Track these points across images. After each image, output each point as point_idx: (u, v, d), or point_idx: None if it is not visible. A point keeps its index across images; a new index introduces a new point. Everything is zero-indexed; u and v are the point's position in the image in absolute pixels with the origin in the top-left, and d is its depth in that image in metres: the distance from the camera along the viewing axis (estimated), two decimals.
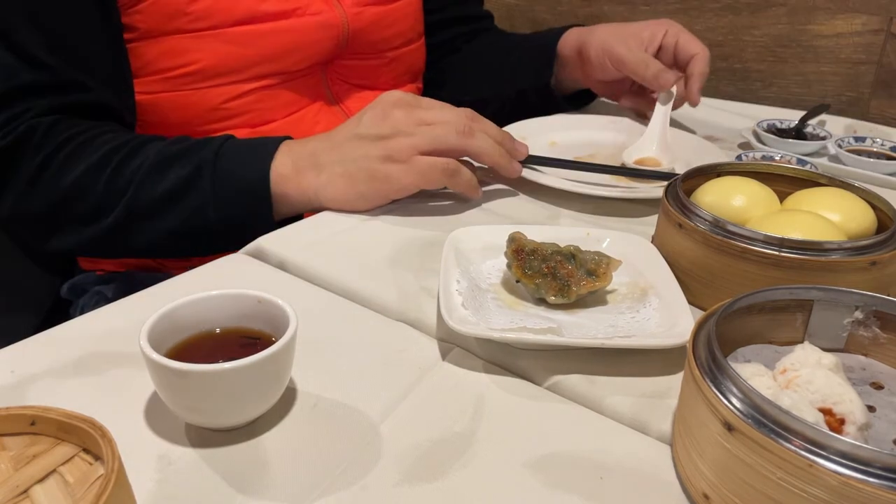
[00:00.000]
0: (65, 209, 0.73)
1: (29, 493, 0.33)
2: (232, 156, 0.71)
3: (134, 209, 0.71)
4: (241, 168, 0.70)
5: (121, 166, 0.71)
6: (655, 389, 0.49)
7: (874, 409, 0.43)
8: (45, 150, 0.71)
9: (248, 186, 0.70)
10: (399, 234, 0.68)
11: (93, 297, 0.87)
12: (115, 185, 0.71)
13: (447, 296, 0.53)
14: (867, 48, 1.11)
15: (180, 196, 0.70)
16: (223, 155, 0.71)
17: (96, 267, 0.90)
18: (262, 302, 0.47)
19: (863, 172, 0.86)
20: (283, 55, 0.84)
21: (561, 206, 0.76)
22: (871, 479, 0.32)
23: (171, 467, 0.42)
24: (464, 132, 0.70)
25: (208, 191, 0.70)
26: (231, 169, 0.70)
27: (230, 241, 0.68)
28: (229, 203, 0.70)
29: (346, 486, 0.41)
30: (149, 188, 0.70)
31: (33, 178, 0.72)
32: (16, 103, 0.72)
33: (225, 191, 0.70)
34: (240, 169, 0.70)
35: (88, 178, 0.71)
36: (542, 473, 0.42)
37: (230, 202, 0.70)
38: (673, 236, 0.60)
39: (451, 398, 0.48)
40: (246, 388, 0.42)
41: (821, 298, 0.47)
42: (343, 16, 0.87)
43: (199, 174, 0.70)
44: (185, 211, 0.70)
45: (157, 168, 0.71)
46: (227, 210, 0.70)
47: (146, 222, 0.72)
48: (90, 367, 0.50)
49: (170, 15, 0.78)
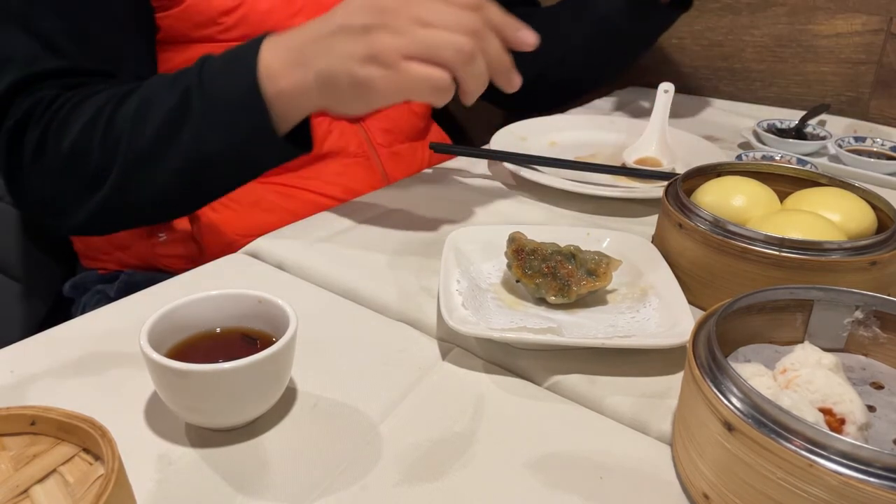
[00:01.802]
0: (68, 180, 0.69)
1: (29, 493, 0.33)
2: (216, 71, 0.65)
3: (131, 160, 0.66)
4: (228, 79, 0.64)
5: (112, 118, 0.67)
6: (655, 389, 0.49)
7: (874, 409, 0.43)
8: (44, 122, 0.68)
9: (239, 97, 0.63)
10: (399, 234, 0.68)
11: (94, 295, 0.87)
12: (109, 140, 0.66)
13: (447, 296, 0.53)
14: (867, 48, 1.11)
15: (174, 130, 0.65)
16: (206, 72, 0.65)
17: (98, 265, 0.90)
18: (262, 302, 0.47)
19: (863, 172, 0.86)
20: None
21: (561, 206, 0.76)
22: (871, 479, 0.32)
23: (171, 467, 0.42)
24: (464, 53, 0.58)
25: (200, 116, 0.64)
26: (218, 84, 0.64)
27: (242, 171, 0.64)
28: (225, 122, 0.64)
29: (346, 486, 0.41)
30: (141, 132, 0.65)
31: (35, 154, 0.69)
32: (36, 90, 0.70)
33: (217, 110, 0.64)
34: (226, 81, 0.64)
35: (83, 138, 0.67)
36: (542, 473, 0.42)
37: (225, 120, 0.64)
38: (673, 236, 0.60)
39: (451, 398, 0.48)
40: (246, 388, 0.42)
41: (821, 298, 0.47)
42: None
43: (188, 101, 0.64)
44: (184, 146, 0.65)
45: (145, 108, 0.66)
46: (225, 131, 0.64)
47: (147, 171, 0.66)
48: (90, 367, 0.50)
49: (201, 23, 0.77)
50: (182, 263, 0.74)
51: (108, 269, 0.90)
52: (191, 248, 0.85)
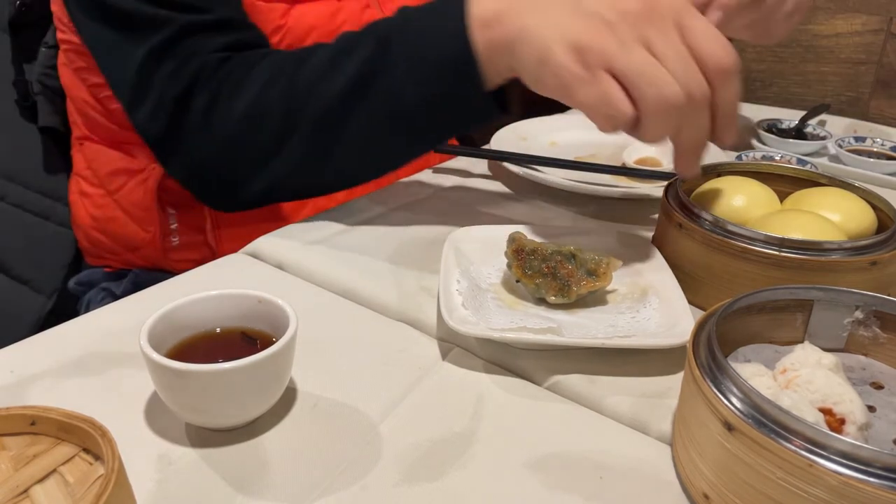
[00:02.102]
0: (244, 146, 0.66)
1: (29, 493, 0.33)
2: (419, 16, 0.60)
3: (319, 117, 0.62)
4: (433, 22, 0.59)
5: (294, 77, 0.63)
6: (655, 389, 0.49)
7: (874, 409, 0.43)
8: (212, 86, 0.66)
9: (447, 45, 0.57)
10: (399, 234, 0.68)
11: (99, 292, 0.87)
12: (292, 100, 0.63)
13: (447, 296, 0.53)
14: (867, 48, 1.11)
15: (368, 82, 0.60)
16: (407, 19, 0.60)
17: (103, 263, 0.91)
18: (262, 302, 0.47)
19: (863, 172, 0.86)
20: None
21: (561, 206, 0.76)
22: (871, 479, 0.32)
23: (171, 467, 0.42)
24: (666, 103, 0.51)
25: (399, 63, 0.59)
26: (420, 29, 0.59)
27: (433, 132, 0.61)
28: (429, 71, 0.59)
29: (346, 486, 0.41)
30: (329, 85, 0.61)
31: (204, 121, 0.67)
32: (178, 50, 0.67)
33: (419, 56, 0.58)
34: (431, 24, 0.59)
35: (261, 100, 0.64)
36: (542, 473, 0.42)
37: (429, 70, 0.58)
38: (673, 236, 0.60)
39: (451, 398, 0.48)
40: (246, 388, 0.42)
41: (821, 298, 0.47)
42: None
43: (385, 48, 0.59)
44: (378, 99, 0.60)
45: (335, 61, 0.61)
46: (428, 84, 0.59)
47: (336, 129, 0.62)
48: (90, 367, 0.50)
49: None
50: (194, 268, 0.73)
51: (113, 268, 0.90)
52: (204, 252, 0.85)
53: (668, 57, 0.52)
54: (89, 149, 0.87)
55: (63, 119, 0.94)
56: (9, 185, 0.91)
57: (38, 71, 0.92)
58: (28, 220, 0.93)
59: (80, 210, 0.89)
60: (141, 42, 0.68)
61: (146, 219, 0.85)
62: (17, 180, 0.91)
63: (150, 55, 0.68)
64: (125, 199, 0.86)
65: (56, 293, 0.93)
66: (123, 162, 0.86)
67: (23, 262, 0.92)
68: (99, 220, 0.88)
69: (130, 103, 0.71)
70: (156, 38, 0.67)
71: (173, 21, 0.68)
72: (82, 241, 0.92)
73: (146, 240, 0.86)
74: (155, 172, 0.83)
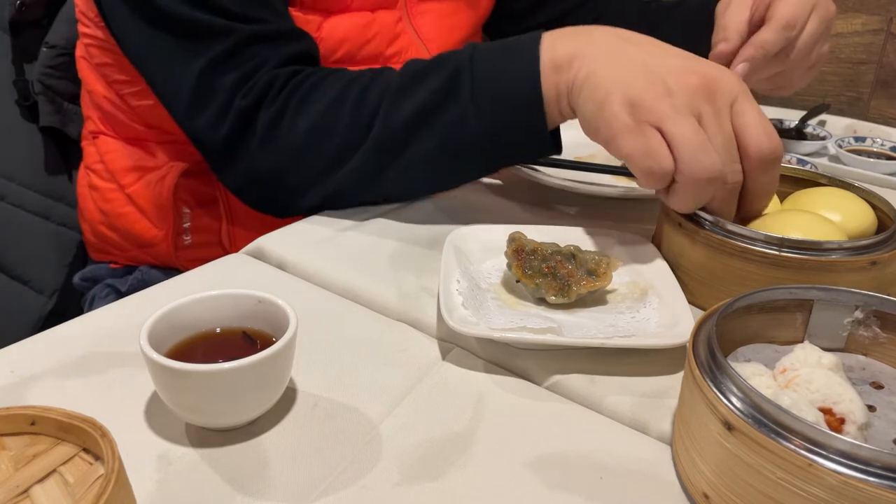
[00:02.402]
0: (308, 158, 0.68)
1: (29, 493, 0.33)
2: (493, 55, 0.62)
3: (383, 138, 0.64)
4: (507, 63, 0.60)
5: (362, 97, 0.65)
6: (655, 389, 0.49)
7: (874, 409, 0.43)
8: (281, 99, 0.67)
9: (517, 85, 0.60)
10: (399, 234, 0.68)
11: (104, 288, 0.87)
12: (359, 119, 0.65)
13: (447, 296, 0.53)
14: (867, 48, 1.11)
15: (434, 111, 0.62)
16: (479, 54, 0.62)
17: (108, 259, 0.91)
18: (262, 302, 0.47)
19: (863, 172, 0.86)
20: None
21: (561, 206, 0.76)
22: (870, 478, 0.32)
23: (171, 467, 0.42)
24: (703, 169, 0.53)
25: (468, 98, 0.61)
26: (493, 68, 0.61)
27: (498, 160, 0.63)
28: (496, 109, 0.61)
29: (346, 486, 0.41)
30: (398, 111, 0.63)
31: (269, 131, 0.68)
32: (240, 60, 0.69)
33: (490, 94, 0.60)
34: (505, 65, 0.61)
35: (328, 117, 0.66)
36: (542, 473, 0.42)
37: (496, 108, 0.61)
38: (673, 236, 0.60)
39: (451, 398, 0.48)
40: (246, 388, 0.42)
41: (821, 298, 0.47)
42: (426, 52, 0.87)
43: (456, 81, 0.61)
44: (442, 127, 0.63)
45: (405, 87, 0.64)
46: (493, 121, 0.61)
47: (396, 152, 0.65)
48: (90, 367, 0.50)
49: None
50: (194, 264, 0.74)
51: (119, 263, 0.90)
52: (217, 253, 0.85)
53: (715, 135, 0.54)
54: (104, 143, 0.88)
55: (63, 119, 0.94)
56: (9, 184, 0.91)
57: (38, 71, 0.92)
58: (28, 220, 0.93)
59: (89, 203, 0.90)
60: (201, 51, 0.68)
61: (160, 216, 0.86)
62: (17, 180, 0.91)
63: (211, 64, 0.68)
64: (139, 196, 0.86)
65: (56, 293, 0.93)
66: (140, 159, 0.86)
67: (23, 262, 0.92)
68: (108, 214, 0.88)
69: (187, 110, 0.71)
70: (217, 48, 0.68)
71: (234, 31, 0.68)
72: (88, 235, 0.92)
73: (158, 237, 0.86)
74: (173, 171, 0.84)
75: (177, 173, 0.83)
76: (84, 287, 0.90)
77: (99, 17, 0.80)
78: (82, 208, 0.92)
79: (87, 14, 0.83)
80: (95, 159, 0.88)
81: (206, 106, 0.69)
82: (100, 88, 0.85)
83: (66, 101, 0.94)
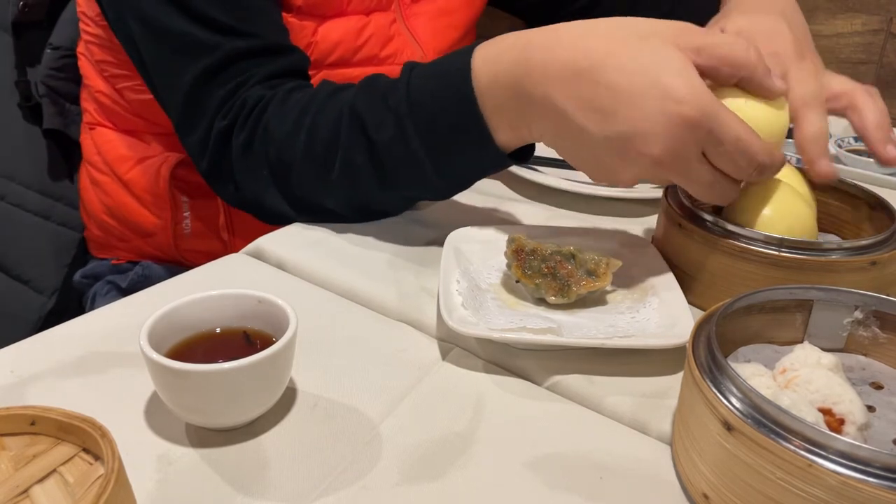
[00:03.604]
0: (276, 185, 0.68)
1: (29, 493, 0.33)
2: (425, 82, 0.60)
3: (344, 172, 0.64)
4: (439, 99, 0.59)
5: (314, 127, 0.65)
6: (655, 389, 0.49)
7: (874, 409, 0.43)
8: (247, 128, 0.68)
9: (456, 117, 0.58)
10: (399, 234, 0.68)
11: (105, 285, 0.88)
12: (313, 153, 0.65)
13: (447, 296, 0.53)
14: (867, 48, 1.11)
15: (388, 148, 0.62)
16: (414, 87, 0.60)
17: (112, 255, 0.91)
18: (262, 302, 0.47)
19: (863, 172, 0.86)
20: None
21: (561, 206, 0.76)
22: (870, 479, 0.32)
23: (171, 467, 0.42)
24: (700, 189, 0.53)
25: (413, 131, 0.60)
26: (430, 100, 0.59)
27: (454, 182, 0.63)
28: (431, 126, 0.60)
29: (346, 486, 0.41)
30: (349, 148, 0.63)
31: (243, 156, 0.69)
32: (224, 77, 0.69)
33: (432, 128, 0.59)
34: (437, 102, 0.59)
35: (284, 150, 0.66)
36: (542, 473, 0.42)
37: (430, 123, 0.59)
38: (673, 236, 0.60)
39: (451, 398, 0.48)
40: (246, 388, 0.42)
41: (821, 298, 0.47)
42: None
43: (400, 125, 0.60)
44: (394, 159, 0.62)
45: (351, 117, 0.63)
46: (431, 136, 0.60)
47: (367, 179, 0.64)
48: (90, 367, 0.50)
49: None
50: (204, 260, 0.74)
51: (121, 260, 0.90)
52: (216, 245, 0.86)
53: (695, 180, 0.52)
54: (100, 134, 0.89)
55: (66, 121, 0.94)
56: (9, 184, 0.91)
57: (42, 73, 0.92)
58: (28, 220, 0.93)
59: (92, 198, 0.90)
60: (189, 67, 0.69)
61: (157, 204, 0.87)
62: (17, 180, 0.92)
63: (197, 82, 0.69)
64: (135, 185, 0.87)
65: (56, 293, 0.93)
66: (134, 148, 0.87)
67: (23, 262, 0.92)
68: (111, 206, 0.90)
69: (181, 128, 0.72)
70: (202, 63, 0.68)
71: (220, 47, 0.68)
72: (93, 231, 0.93)
73: (158, 226, 0.87)
74: (169, 160, 0.85)
75: (172, 163, 0.85)
76: (84, 285, 0.91)
77: (99, 16, 0.81)
78: (85, 203, 0.92)
79: (87, 13, 0.84)
80: (93, 151, 0.89)
81: (196, 126, 0.70)
82: (97, 83, 0.87)
83: (69, 103, 0.94)
